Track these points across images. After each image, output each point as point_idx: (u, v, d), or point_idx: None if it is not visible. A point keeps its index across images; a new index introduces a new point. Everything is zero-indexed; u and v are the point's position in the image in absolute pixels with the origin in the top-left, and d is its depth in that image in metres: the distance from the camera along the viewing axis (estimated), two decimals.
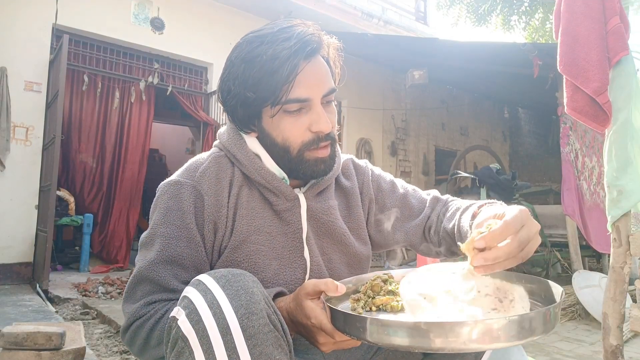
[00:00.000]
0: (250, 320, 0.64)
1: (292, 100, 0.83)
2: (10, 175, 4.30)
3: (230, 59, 0.88)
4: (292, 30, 0.84)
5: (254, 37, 0.86)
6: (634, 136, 1.80)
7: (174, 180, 0.89)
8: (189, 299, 0.67)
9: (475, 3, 6.49)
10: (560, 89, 2.97)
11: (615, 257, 1.84)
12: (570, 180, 3.95)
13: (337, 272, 0.97)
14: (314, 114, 0.85)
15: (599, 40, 1.78)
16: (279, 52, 0.82)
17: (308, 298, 0.74)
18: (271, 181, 0.90)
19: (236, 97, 0.86)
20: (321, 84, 0.86)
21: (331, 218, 0.96)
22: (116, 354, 2.45)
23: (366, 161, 1.11)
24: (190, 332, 0.65)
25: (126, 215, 5.42)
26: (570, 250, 4.06)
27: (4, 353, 1.67)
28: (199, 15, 5.61)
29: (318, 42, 0.86)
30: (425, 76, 5.67)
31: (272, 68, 0.81)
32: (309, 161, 0.88)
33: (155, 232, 0.85)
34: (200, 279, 0.70)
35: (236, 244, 0.87)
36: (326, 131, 0.86)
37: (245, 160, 0.90)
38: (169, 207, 0.86)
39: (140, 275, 0.83)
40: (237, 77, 0.85)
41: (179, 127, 7.64)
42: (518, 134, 9.84)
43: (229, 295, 0.66)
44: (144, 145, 5.51)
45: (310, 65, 0.84)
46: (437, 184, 7.83)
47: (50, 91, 4.44)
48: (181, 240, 0.84)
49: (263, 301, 0.67)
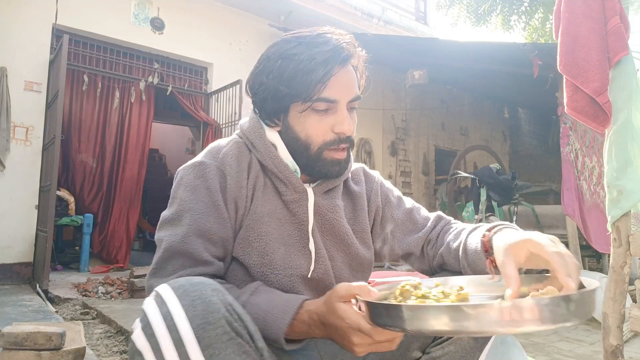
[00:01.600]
0: (205, 330, 0.64)
1: (322, 99, 0.88)
2: (10, 175, 4.30)
3: (267, 55, 0.93)
4: (329, 36, 0.90)
5: (292, 37, 0.92)
6: (634, 136, 1.80)
7: (198, 161, 0.92)
8: (145, 312, 0.68)
9: (475, 3, 6.49)
10: (560, 89, 2.97)
11: (615, 257, 1.83)
12: (570, 180, 3.95)
13: (339, 271, 0.98)
14: (338, 116, 0.90)
15: (599, 40, 1.78)
16: (316, 54, 0.87)
17: (340, 301, 0.74)
18: (283, 171, 0.93)
19: (268, 90, 0.91)
20: (350, 89, 0.91)
21: (336, 216, 0.99)
22: (116, 354, 2.45)
23: (378, 173, 1.16)
24: (145, 346, 0.65)
25: (126, 215, 5.42)
26: (570, 250, 4.03)
27: (4, 353, 1.67)
28: (199, 15, 5.61)
29: (352, 51, 0.92)
30: (425, 76, 5.66)
31: (309, 67, 0.87)
32: (326, 160, 0.93)
33: (184, 208, 0.87)
34: (158, 289, 0.70)
35: (251, 222, 0.91)
36: (348, 133, 0.92)
37: (261, 147, 0.94)
38: (196, 185, 0.89)
39: (173, 249, 0.84)
40: (272, 72, 0.90)
41: (179, 127, 7.64)
42: (518, 134, 9.84)
43: (185, 305, 0.66)
44: (144, 145, 5.51)
45: (343, 71, 0.90)
46: (437, 184, 7.83)
47: (50, 91, 4.44)
48: (210, 216, 0.87)
49: (223, 309, 0.67)
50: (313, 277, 0.94)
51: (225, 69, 5.68)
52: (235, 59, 5.81)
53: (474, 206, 4.90)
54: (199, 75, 5.81)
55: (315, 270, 0.94)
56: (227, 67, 5.71)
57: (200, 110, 5.59)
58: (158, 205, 8.34)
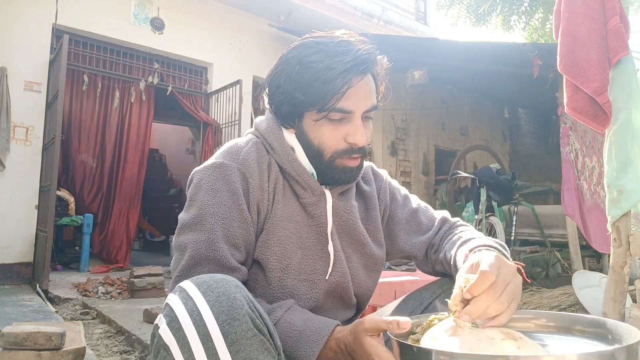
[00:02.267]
0: (232, 326, 0.64)
1: (338, 109, 0.87)
2: (10, 175, 4.30)
3: (287, 57, 0.91)
4: (350, 45, 0.88)
5: (313, 42, 0.89)
6: (634, 136, 1.79)
7: (218, 162, 0.89)
8: (170, 307, 0.68)
9: (475, 3, 6.49)
10: (560, 89, 2.97)
11: (615, 257, 1.83)
12: (570, 180, 3.95)
13: (355, 271, 0.99)
14: (352, 127, 0.89)
15: (599, 40, 1.78)
16: (335, 64, 0.85)
17: (367, 334, 0.72)
18: (301, 174, 0.93)
19: (284, 94, 0.90)
20: (367, 100, 0.90)
21: (352, 217, 0.99)
22: (116, 354, 2.45)
23: (385, 171, 1.16)
24: (172, 341, 0.65)
25: (126, 215, 5.42)
26: (570, 250, 4.06)
27: (4, 353, 1.67)
28: (199, 15, 5.61)
29: (372, 61, 0.90)
30: (425, 76, 5.66)
31: (327, 77, 0.85)
32: (338, 167, 0.92)
33: (206, 212, 0.85)
34: (182, 285, 0.70)
35: (271, 226, 0.90)
36: (360, 144, 0.90)
37: (280, 150, 0.93)
38: (217, 188, 0.87)
39: (200, 256, 0.82)
40: (289, 76, 0.89)
41: (179, 127, 7.64)
42: (518, 134, 9.84)
43: (210, 301, 0.66)
44: (144, 145, 5.51)
45: (362, 83, 0.88)
46: (437, 184, 7.83)
47: (50, 91, 4.44)
48: (234, 221, 0.86)
49: (246, 306, 0.67)
50: (330, 280, 0.94)
51: (225, 69, 5.68)
52: (235, 59, 5.81)
53: (474, 206, 4.90)
54: (199, 75, 5.81)
55: (332, 273, 0.94)
56: (227, 67, 5.71)
57: (200, 110, 5.59)
58: (158, 205, 8.38)
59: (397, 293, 2.02)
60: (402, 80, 5.89)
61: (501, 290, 0.68)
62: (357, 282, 0.99)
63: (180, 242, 0.86)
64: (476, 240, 0.92)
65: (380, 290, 2.07)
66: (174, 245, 0.88)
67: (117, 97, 5.12)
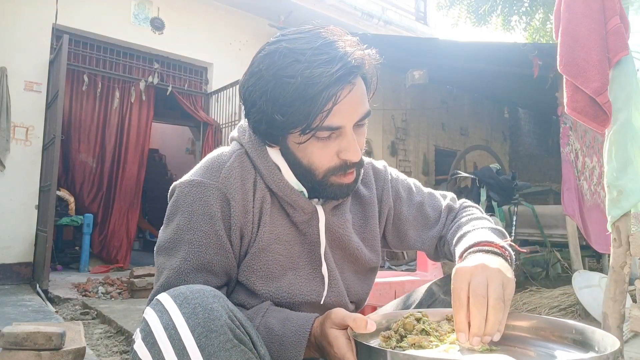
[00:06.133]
0: (208, 338, 0.62)
1: (325, 128, 0.77)
2: (10, 175, 4.30)
3: (259, 68, 0.79)
4: (334, 50, 0.76)
5: (287, 50, 0.76)
6: (634, 136, 1.79)
7: (196, 180, 0.82)
8: (146, 321, 0.66)
9: (475, 3, 6.49)
10: (560, 89, 2.97)
11: (615, 257, 1.83)
12: (570, 180, 3.95)
13: (348, 281, 0.97)
14: (344, 142, 0.80)
15: (599, 40, 1.78)
16: (318, 77, 0.73)
17: (334, 327, 0.73)
18: (289, 195, 0.86)
19: (261, 113, 0.79)
20: (357, 110, 0.80)
21: (347, 232, 0.94)
22: (116, 354, 2.45)
23: (384, 164, 1.08)
24: (147, 356, 0.64)
25: (126, 215, 5.42)
26: (570, 250, 4.06)
27: (4, 353, 1.67)
28: (199, 15, 5.61)
29: (361, 64, 0.79)
30: (425, 76, 5.66)
31: (308, 94, 0.74)
32: (333, 185, 0.84)
33: (182, 239, 0.80)
34: (158, 298, 0.68)
35: (256, 251, 0.85)
36: (355, 160, 0.82)
37: (264, 170, 0.85)
38: (194, 210, 0.80)
39: (170, 285, 0.78)
40: (264, 93, 0.77)
41: (179, 127, 7.64)
42: (518, 134, 9.84)
43: (186, 314, 0.64)
44: (144, 145, 5.51)
45: (350, 94, 0.77)
46: (437, 184, 7.83)
47: (50, 91, 4.44)
48: (210, 247, 0.80)
49: (225, 316, 0.65)
50: (326, 302, 0.90)
51: (225, 69, 5.68)
52: (235, 59, 5.81)
53: None
54: (198, 75, 5.81)
55: (328, 295, 0.90)
56: (227, 67, 5.71)
57: (200, 110, 5.59)
58: (158, 205, 8.38)
59: (397, 293, 2.02)
60: (402, 80, 5.90)
61: (467, 307, 0.69)
62: (353, 291, 0.97)
63: (157, 264, 0.83)
64: (470, 235, 0.89)
65: (380, 290, 2.07)
66: (154, 262, 0.86)
67: (117, 97, 5.12)
